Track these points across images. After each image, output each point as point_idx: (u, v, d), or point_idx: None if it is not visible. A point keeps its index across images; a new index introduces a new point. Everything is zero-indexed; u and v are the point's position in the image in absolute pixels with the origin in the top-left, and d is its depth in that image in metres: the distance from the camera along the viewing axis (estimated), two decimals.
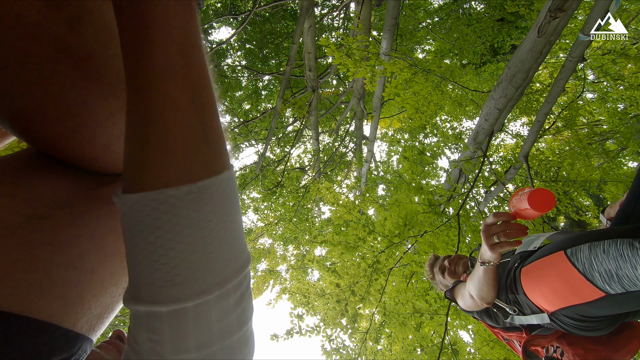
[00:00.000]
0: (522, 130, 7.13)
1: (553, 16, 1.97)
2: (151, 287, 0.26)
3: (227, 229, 0.28)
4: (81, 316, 0.31)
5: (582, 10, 4.43)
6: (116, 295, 0.33)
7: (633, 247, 0.81)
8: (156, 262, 0.25)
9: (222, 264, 0.28)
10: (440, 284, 1.51)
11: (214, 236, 0.27)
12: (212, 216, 0.27)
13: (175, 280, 0.26)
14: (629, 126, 4.31)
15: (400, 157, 4.54)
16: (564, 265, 0.94)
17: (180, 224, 0.25)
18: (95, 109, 0.29)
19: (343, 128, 7.33)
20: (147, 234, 0.25)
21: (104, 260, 0.31)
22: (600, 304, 0.89)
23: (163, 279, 0.25)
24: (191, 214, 0.26)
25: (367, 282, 3.50)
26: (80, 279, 0.31)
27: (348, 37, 3.33)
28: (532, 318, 1.07)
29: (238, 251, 0.29)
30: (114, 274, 0.32)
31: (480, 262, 1.03)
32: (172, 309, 0.25)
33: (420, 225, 3.27)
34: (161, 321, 0.25)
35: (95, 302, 0.31)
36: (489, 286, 1.09)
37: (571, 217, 5.83)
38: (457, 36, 5.59)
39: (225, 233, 0.28)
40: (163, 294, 0.25)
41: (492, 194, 4.33)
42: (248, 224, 7.14)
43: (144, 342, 0.26)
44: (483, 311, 1.27)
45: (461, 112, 4.45)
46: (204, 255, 0.27)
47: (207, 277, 0.26)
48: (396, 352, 3.77)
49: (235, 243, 0.29)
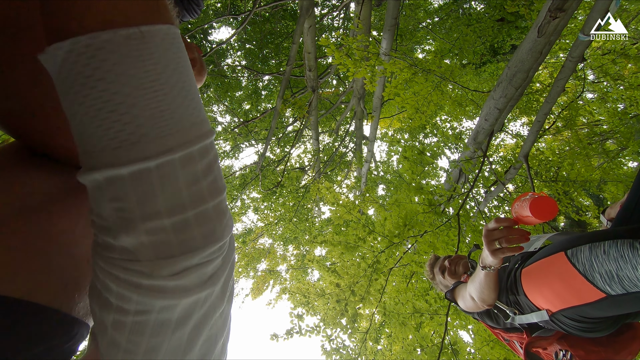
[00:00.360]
0: (522, 130, 7.13)
1: (553, 16, 1.97)
2: (106, 150, 0.23)
3: (181, 88, 0.25)
4: (78, 301, 0.32)
5: (582, 10, 4.43)
6: None
7: (634, 247, 0.81)
8: (106, 121, 0.22)
9: (180, 125, 0.25)
10: (441, 284, 1.51)
11: (166, 92, 0.24)
12: (162, 69, 0.24)
13: (131, 139, 0.23)
14: (629, 126, 4.31)
15: (400, 157, 4.54)
16: (565, 266, 0.94)
17: (124, 74, 0.22)
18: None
19: (343, 128, 7.33)
20: (89, 90, 0.22)
21: None
22: (601, 305, 0.88)
23: (117, 139, 0.22)
24: (136, 63, 0.22)
25: (367, 282, 3.50)
26: (77, 266, 0.32)
27: (348, 37, 3.33)
28: (532, 316, 1.07)
29: (197, 117, 0.26)
30: None
31: (481, 267, 1.03)
32: (133, 169, 0.23)
33: (420, 225, 3.27)
34: (124, 184, 0.23)
35: None
36: (490, 289, 1.09)
37: (571, 217, 5.83)
38: (457, 36, 5.59)
39: (179, 92, 0.25)
40: (121, 154, 0.23)
41: (492, 194, 4.33)
42: (248, 224, 7.14)
43: (110, 213, 0.24)
44: (484, 312, 1.27)
45: (461, 112, 4.46)
46: (159, 112, 0.23)
47: (165, 136, 0.24)
48: (396, 352, 3.77)
49: (191, 106, 0.26)
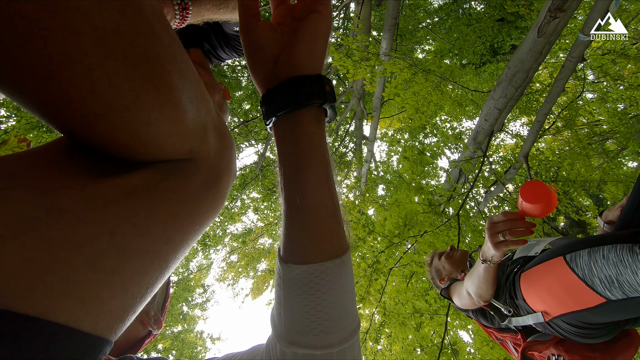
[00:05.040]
0: (522, 130, 7.13)
1: (553, 16, 1.97)
2: (307, 335, 0.35)
3: (352, 292, 0.38)
4: (101, 319, 0.29)
5: (582, 10, 4.43)
6: (138, 297, 0.31)
7: (633, 252, 0.80)
8: (313, 315, 0.34)
9: (350, 319, 0.37)
10: (434, 270, 1.51)
11: (348, 297, 0.37)
12: (348, 281, 0.37)
13: (326, 330, 0.34)
14: (629, 126, 4.31)
15: (400, 157, 4.54)
16: (564, 271, 0.93)
17: (331, 287, 0.35)
18: (121, 91, 0.27)
19: (343, 128, 7.33)
20: (308, 293, 0.35)
21: (125, 259, 0.29)
22: (600, 310, 0.88)
23: (317, 330, 0.34)
24: (338, 279, 0.36)
25: (367, 282, 3.50)
26: (100, 279, 0.29)
27: (348, 37, 3.33)
28: (528, 318, 1.07)
29: (356, 311, 0.38)
30: (136, 274, 0.30)
31: (482, 260, 1.03)
32: (322, 352, 0.34)
33: (420, 225, 3.27)
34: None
35: (116, 304, 0.29)
36: (488, 284, 1.09)
37: (571, 217, 5.82)
38: (457, 36, 5.59)
39: (352, 296, 0.37)
40: (317, 341, 0.34)
41: (492, 194, 4.33)
42: (248, 224, 7.14)
43: None
44: (478, 311, 1.27)
45: (461, 112, 4.46)
46: (343, 311, 0.36)
47: (344, 329, 0.36)
48: (396, 352, 3.77)
49: (355, 303, 0.38)
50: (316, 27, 0.37)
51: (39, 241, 0.27)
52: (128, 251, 0.29)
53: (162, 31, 0.29)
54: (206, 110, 0.34)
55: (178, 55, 0.31)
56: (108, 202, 0.30)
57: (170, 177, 0.33)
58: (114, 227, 0.30)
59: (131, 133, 0.29)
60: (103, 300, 0.29)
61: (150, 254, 0.31)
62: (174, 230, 0.32)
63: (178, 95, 0.31)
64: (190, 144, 0.35)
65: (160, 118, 0.30)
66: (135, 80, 0.27)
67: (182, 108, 0.32)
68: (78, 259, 0.28)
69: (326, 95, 0.36)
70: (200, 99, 0.34)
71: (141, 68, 0.27)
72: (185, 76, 0.32)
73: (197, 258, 7.86)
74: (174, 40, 0.30)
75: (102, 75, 0.26)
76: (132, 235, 0.30)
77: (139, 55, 0.27)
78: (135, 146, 0.31)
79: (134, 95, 0.28)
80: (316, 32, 0.37)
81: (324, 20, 0.38)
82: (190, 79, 0.32)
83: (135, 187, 0.30)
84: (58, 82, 0.26)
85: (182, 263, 7.30)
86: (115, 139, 0.29)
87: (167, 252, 0.32)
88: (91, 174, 0.31)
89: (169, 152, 0.34)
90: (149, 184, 0.32)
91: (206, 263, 8.12)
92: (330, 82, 0.38)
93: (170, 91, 0.30)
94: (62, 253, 0.28)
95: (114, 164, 0.33)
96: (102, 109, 0.27)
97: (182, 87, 0.31)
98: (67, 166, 0.32)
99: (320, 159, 0.36)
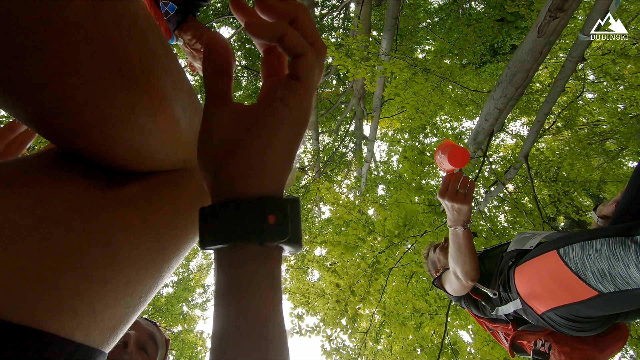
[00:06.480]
0: (522, 130, 7.13)
1: (553, 16, 1.97)
2: None
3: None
4: (93, 329, 0.28)
5: (582, 10, 4.42)
6: (131, 306, 0.31)
7: (625, 245, 0.81)
8: None
9: None
10: (430, 262, 1.54)
11: None
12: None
13: None
14: (629, 126, 4.31)
15: (400, 157, 4.54)
16: (557, 264, 0.94)
17: None
18: (116, 102, 0.27)
19: (343, 128, 7.33)
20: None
21: (118, 269, 0.29)
22: (593, 303, 0.89)
23: None
24: None
25: (367, 282, 3.50)
26: (93, 289, 0.28)
27: (348, 37, 3.33)
28: (510, 306, 1.11)
29: None
30: (129, 284, 0.30)
31: (460, 227, 1.09)
32: None
33: (420, 225, 3.27)
34: None
35: (109, 313, 0.29)
36: (471, 254, 1.13)
37: (571, 217, 5.82)
38: (457, 36, 5.58)
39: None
40: None
41: (492, 194, 4.33)
42: None
43: None
44: (470, 300, 1.28)
45: (461, 112, 4.45)
46: None
47: None
48: (396, 352, 3.77)
49: None
50: (273, 123, 0.26)
51: (31, 251, 0.26)
52: (122, 261, 0.29)
53: (156, 43, 0.28)
54: (199, 119, 0.34)
55: (172, 66, 0.30)
56: (102, 212, 0.30)
57: (164, 186, 0.33)
58: (108, 236, 0.30)
59: (125, 144, 0.29)
60: (95, 309, 0.28)
61: (144, 264, 0.30)
62: (168, 240, 0.32)
63: (172, 106, 0.30)
64: (183, 153, 0.34)
65: (154, 128, 0.30)
66: (130, 91, 0.27)
67: (176, 118, 0.31)
68: (70, 268, 0.28)
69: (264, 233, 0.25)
70: (194, 108, 0.34)
71: (136, 79, 0.27)
72: (179, 86, 0.31)
73: (197, 258, 7.88)
74: (167, 51, 0.30)
75: (97, 86, 0.26)
76: (125, 244, 0.30)
77: (134, 67, 0.27)
78: (129, 157, 0.31)
79: (129, 106, 0.27)
80: (272, 129, 0.26)
81: (289, 112, 0.26)
82: (183, 89, 0.32)
83: (129, 197, 0.30)
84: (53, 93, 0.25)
85: (182, 263, 7.30)
86: (109, 149, 0.29)
87: (161, 261, 0.32)
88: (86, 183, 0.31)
89: (163, 162, 0.33)
90: (143, 194, 0.31)
91: (206, 263, 8.13)
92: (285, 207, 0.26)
93: (163, 101, 0.29)
94: (54, 263, 0.27)
95: (108, 173, 0.32)
96: (97, 119, 0.27)
97: (176, 97, 0.31)
98: (62, 174, 0.31)
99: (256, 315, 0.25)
